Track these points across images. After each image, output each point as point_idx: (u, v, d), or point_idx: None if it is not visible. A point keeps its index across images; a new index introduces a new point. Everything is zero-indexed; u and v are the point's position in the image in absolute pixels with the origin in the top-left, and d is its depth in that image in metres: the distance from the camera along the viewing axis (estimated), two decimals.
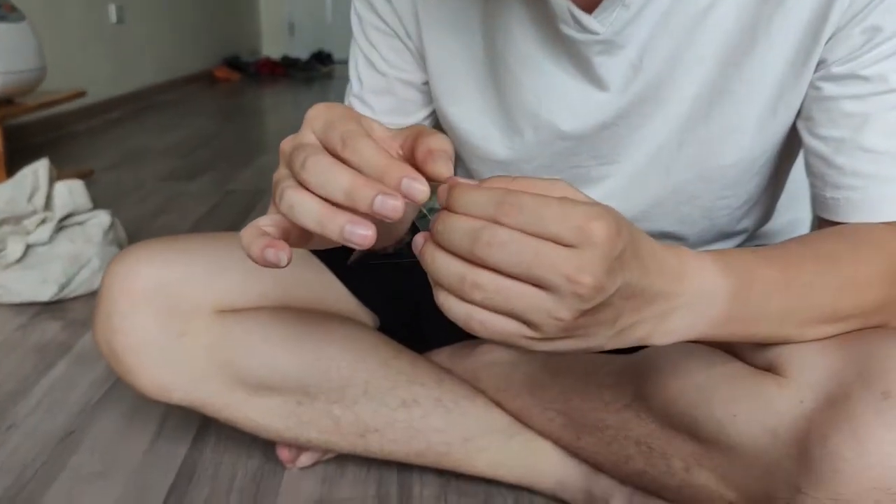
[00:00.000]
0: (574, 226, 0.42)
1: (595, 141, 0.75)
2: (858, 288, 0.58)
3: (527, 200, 0.43)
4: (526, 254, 0.42)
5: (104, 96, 3.70)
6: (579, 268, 0.42)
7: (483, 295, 0.43)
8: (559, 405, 0.79)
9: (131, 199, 2.22)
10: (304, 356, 0.80)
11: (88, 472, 0.93)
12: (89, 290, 1.48)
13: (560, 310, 0.43)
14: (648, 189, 0.76)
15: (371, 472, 0.92)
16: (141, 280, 0.78)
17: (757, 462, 0.60)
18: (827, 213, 0.66)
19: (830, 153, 0.65)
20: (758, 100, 0.69)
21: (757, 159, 0.73)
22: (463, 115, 0.80)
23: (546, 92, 0.74)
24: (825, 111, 0.65)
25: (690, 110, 0.70)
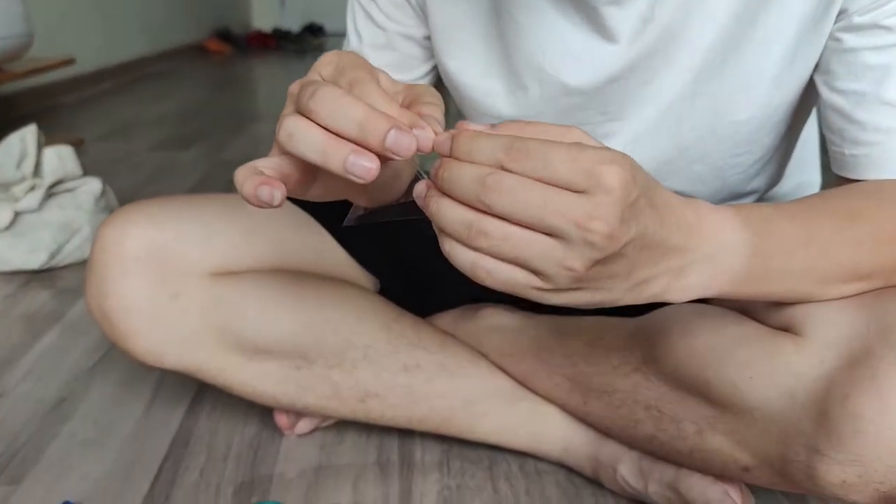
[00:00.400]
0: (585, 170, 0.40)
1: (602, 96, 0.72)
2: (880, 245, 0.56)
3: (534, 145, 0.41)
4: (534, 200, 0.40)
5: (93, 67, 3.64)
6: (590, 214, 0.40)
7: (490, 242, 0.42)
8: (565, 370, 0.77)
9: (123, 168, 2.18)
10: (302, 319, 0.78)
11: (82, 440, 0.91)
12: (80, 259, 1.45)
13: (571, 259, 0.42)
14: (658, 147, 0.73)
15: (371, 439, 0.91)
16: (133, 242, 0.75)
17: (773, 424, 0.58)
18: (846, 170, 0.64)
19: (850, 108, 0.63)
20: (774, 52, 0.66)
21: (771, 115, 0.71)
22: (465, 69, 0.77)
23: (551, 44, 0.71)
24: (845, 64, 0.63)
25: (703, 63, 0.68)
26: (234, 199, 0.83)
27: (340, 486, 0.83)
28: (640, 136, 0.73)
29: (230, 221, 0.79)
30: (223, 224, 0.78)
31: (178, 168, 2.21)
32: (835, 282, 0.56)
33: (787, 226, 0.54)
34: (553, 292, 0.44)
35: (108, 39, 3.92)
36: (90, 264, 0.77)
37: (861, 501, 0.55)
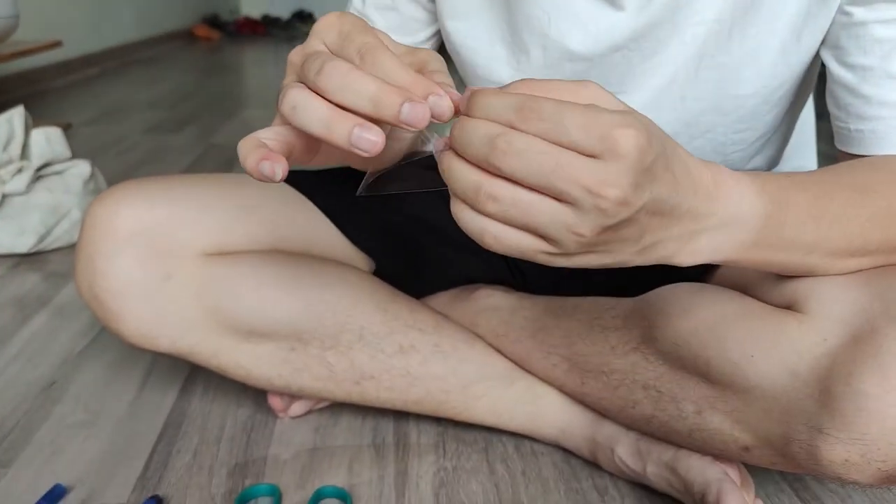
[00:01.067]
0: (599, 135, 0.39)
1: (605, 65, 0.72)
2: (889, 220, 0.56)
3: (548, 106, 0.39)
4: (545, 163, 0.39)
5: (82, 51, 3.61)
6: (603, 181, 0.39)
7: (498, 207, 0.41)
8: (562, 350, 0.77)
9: (112, 151, 2.16)
10: (297, 300, 0.76)
11: (73, 422, 0.89)
12: (69, 243, 1.44)
13: (581, 225, 0.41)
14: (662, 120, 0.72)
15: (367, 421, 0.90)
16: (124, 221, 0.73)
17: (775, 403, 0.58)
18: (851, 146, 0.64)
19: (857, 82, 0.63)
20: (782, 26, 0.66)
21: (775, 90, 0.70)
22: (468, 31, 0.76)
23: (557, 9, 0.70)
24: (854, 38, 0.63)
25: (709, 34, 0.68)
26: (227, 179, 0.81)
27: (335, 468, 0.82)
28: (643, 110, 0.72)
29: (224, 201, 0.77)
30: (216, 204, 0.77)
31: (168, 152, 2.19)
32: (842, 255, 0.56)
33: (801, 197, 0.53)
34: (561, 256, 0.43)
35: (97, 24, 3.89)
36: (80, 244, 0.75)
37: (861, 481, 0.54)
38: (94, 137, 2.33)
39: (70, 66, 3.47)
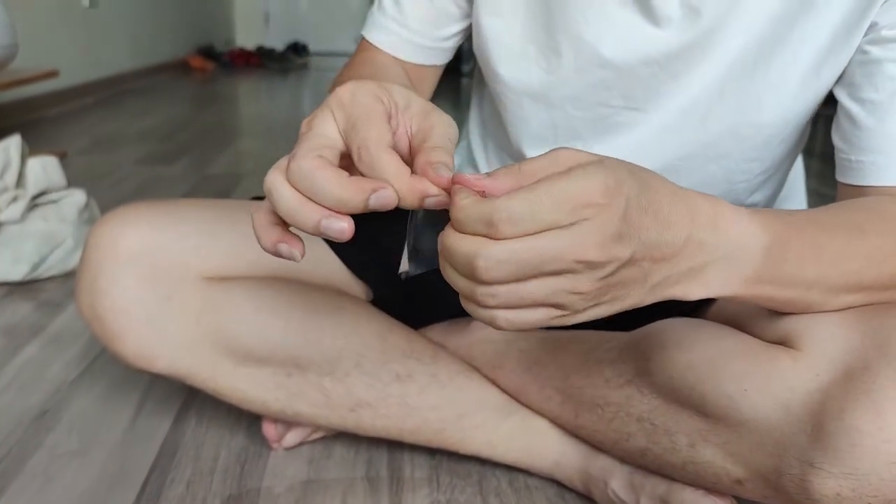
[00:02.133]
0: (569, 209, 0.41)
1: (632, 78, 0.74)
2: (883, 259, 0.57)
3: (516, 206, 0.41)
4: (526, 261, 0.41)
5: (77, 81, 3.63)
6: (582, 245, 0.41)
7: (498, 301, 0.43)
8: (557, 382, 0.77)
9: (106, 181, 2.17)
10: (296, 326, 0.77)
11: (66, 451, 0.89)
12: (63, 271, 1.44)
13: (579, 285, 0.43)
14: (682, 140, 0.75)
15: (360, 454, 0.90)
16: (128, 241, 0.74)
17: (768, 437, 0.58)
18: (852, 177, 0.67)
19: (864, 116, 0.66)
20: (805, 59, 0.69)
21: (790, 121, 0.73)
22: (503, 28, 0.78)
23: (596, 16, 0.73)
24: (868, 75, 0.66)
25: (735, 61, 0.71)
26: (231, 205, 0.82)
27: (329, 501, 0.82)
28: (666, 128, 0.75)
29: (227, 226, 0.78)
30: (220, 229, 0.78)
31: (162, 182, 2.20)
32: (839, 292, 0.57)
33: (802, 234, 0.54)
34: (574, 315, 0.45)
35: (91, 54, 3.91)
36: (82, 263, 0.76)
37: None
38: (89, 167, 2.34)
39: (65, 96, 3.49)
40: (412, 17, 0.81)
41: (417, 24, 0.82)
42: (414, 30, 0.82)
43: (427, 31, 0.82)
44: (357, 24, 7.08)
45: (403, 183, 0.44)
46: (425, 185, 0.44)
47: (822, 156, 2.16)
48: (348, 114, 0.46)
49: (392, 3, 0.82)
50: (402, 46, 0.82)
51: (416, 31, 0.82)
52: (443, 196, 0.44)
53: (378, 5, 0.84)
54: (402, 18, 0.81)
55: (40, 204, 1.46)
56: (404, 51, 0.83)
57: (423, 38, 0.83)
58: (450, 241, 0.43)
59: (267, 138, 2.98)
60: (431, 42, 0.83)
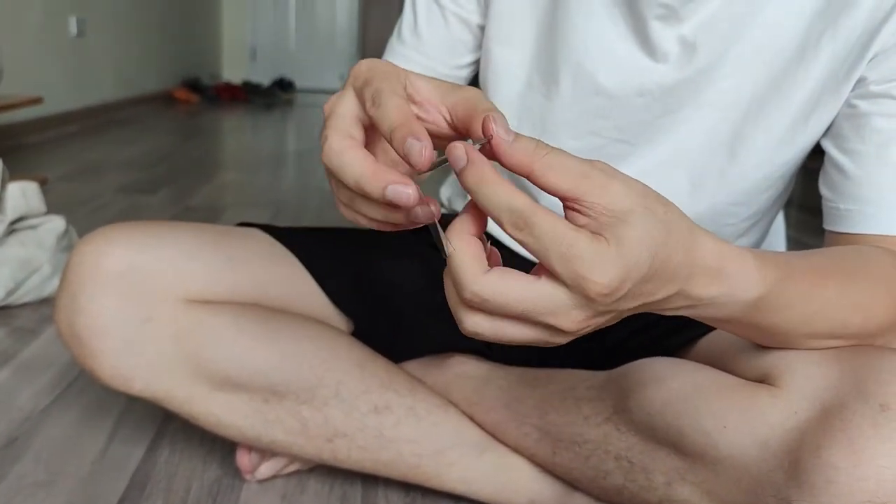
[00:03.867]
0: (572, 275, 0.41)
1: (626, 108, 0.76)
2: (869, 308, 0.58)
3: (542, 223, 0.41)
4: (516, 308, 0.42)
5: (61, 109, 3.62)
6: (559, 315, 0.42)
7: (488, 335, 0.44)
8: (535, 419, 0.77)
9: (87, 209, 2.16)
10: (274, 352, 0.77)
11: (32, 482, 0.87)
12: (39, 298, 1.42)
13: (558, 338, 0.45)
14: (672, 179, 0.77)
15: (334, 489, 0.89)
16: (110, 261, 0.74)
17: (745, 475, 0.58)
18: (840, 225, 0.68)
19: (852, 167, 0.68)
20: (795, 108, 0.72)
21: (779, 167, 0.75)
22: (513, 58, 0.81)
23: (597, 46, 0.75)
24: (856, 127, 0.68)
25: (729, 104, 0.73)
26: (215, 230, 0.83)
27: None
28: (657, 165, 0.77)
29: (210, 250, 0.78)
30: (203, 253, 0.78)
31: (143, 212, 2.19)
32: (821, 337, 0.57)
33: (797, 284, 0.53)
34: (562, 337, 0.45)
35: (77, 82, 3.91)
36: (63, 280, 0.75)
37: None
38: (70, 194, 2.32)
39: (49, 123, 3.48)
40: (430, 45, 0.85)
41: (435, 52, 0.85)
42: (432, 56, 0.85)
43: (444, 59, 0.85)
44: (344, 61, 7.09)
45: (404, 119, 0.43)
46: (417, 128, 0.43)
47: (801, 206, 2.19)
48: (365, 77, 0.47)
49: (410, 31, 0.85)
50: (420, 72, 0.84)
51: (433, 59, 0.85)
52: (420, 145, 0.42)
53: (397, 35, 0.87)
54: (420, 46, 0.85)
55: (18, 229, 1.45)
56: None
57: (440, 65, 0.86)
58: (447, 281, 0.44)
59: (249, 172, 2.98)
60: (448, 70, 0.86)
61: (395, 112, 0.44)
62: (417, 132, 0.42)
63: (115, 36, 4.45)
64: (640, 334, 0.81)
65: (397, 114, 0.43)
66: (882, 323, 0.59)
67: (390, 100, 0.44)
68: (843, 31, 0.68)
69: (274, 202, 2.40)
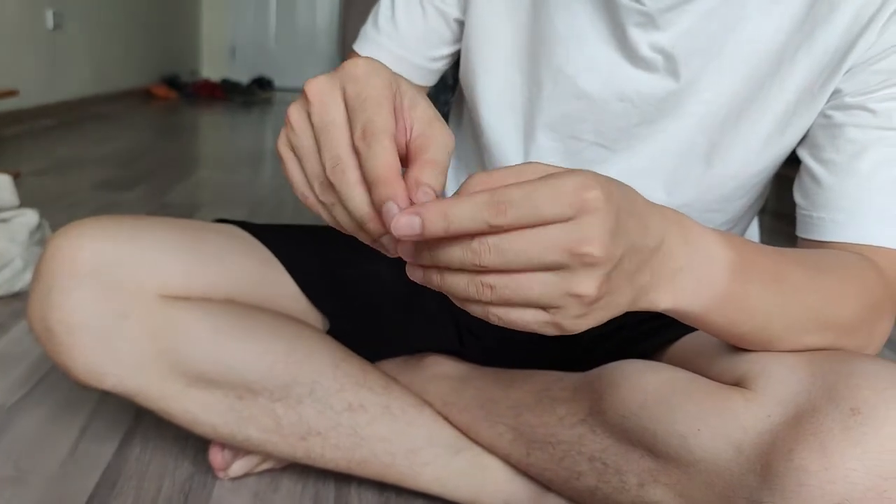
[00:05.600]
0: (568, 201, 0.41)
1: (605, 112, 0.76)
2: (842, 299, 0.59)
3: (515, 193, 0.41)
4: (523, 247, 0.41)
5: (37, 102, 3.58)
6: (581, 238, 0.42)
7: (495, 294, 0.43)
8: (509, 420, 0.77)
9: (61, 204, 2.13)
10: (250, 349, 0.76)
11: (1, 478, 0.86)
12: (9, 292, 1.40)
13: (577, 286, 0.43)
14: (647, 186, 0.77)
15: (307, 488, 0.88)
16: (85, 255, 0.73)
17: (718, 477, 0.58)
18: (812, 233, 0.69)
19: (825, 175, 0.69)
20: (771, 118, 0.73)
21: (753, 176, 0.76)
22: (492, 57, 0.81)
23: (578, 51, 0.76)
24: (830, 137, 0.70)
25: (706, 114, 0.74)
26: (192, 225, 0.82)
27: None
28: (634, 172, 0.77)
29: (187, 246, 0.78)
30: (179, 248, 0.77)
31: (119, 208, 2.17)
32: (799, 329, 0.58)
33: (764, 259, 0.56)
34: (564, 321, 0.45)
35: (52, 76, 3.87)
36: (37, 273, 0.74)
37: None
38: (43, 188, 2.30)
39: (24, 116, 3.44)
40: (406, 35, 0.84)
41: (410, 42, 0.85)
42: (406, 47, 0.85)
43: (419, 50, 0.85)
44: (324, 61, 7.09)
45: (390, 176, 0.43)
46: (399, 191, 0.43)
47: (774, 213, 2.22)
48: (359, 91, 0.46)
49: (387, 20, 0.85)
50: (393, 62, 0.84)
51: (408, 48, 0.85)
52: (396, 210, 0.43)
53: (372, 22, 0.86)
54: (395, 34, 0.84)
55: None
56: (393, 66, 0.84)
57: (414, 55, 0.85)
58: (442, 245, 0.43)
59: (227, 170, 2.96)
60: (422, 61, 0.86)
61: (383, 165, 0.44)
62: (399, 197, 0.43)
63: (93, 30, 4.41)
64: (615, 336, 0.81)
65: (384, 167, 0.44)
66: (854, 317, 0.60)
67: (380, 144, 0.44)
68: (819, 45, 0.69)
69: (251, 200, 2.39)
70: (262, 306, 0.81)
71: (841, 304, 0.59)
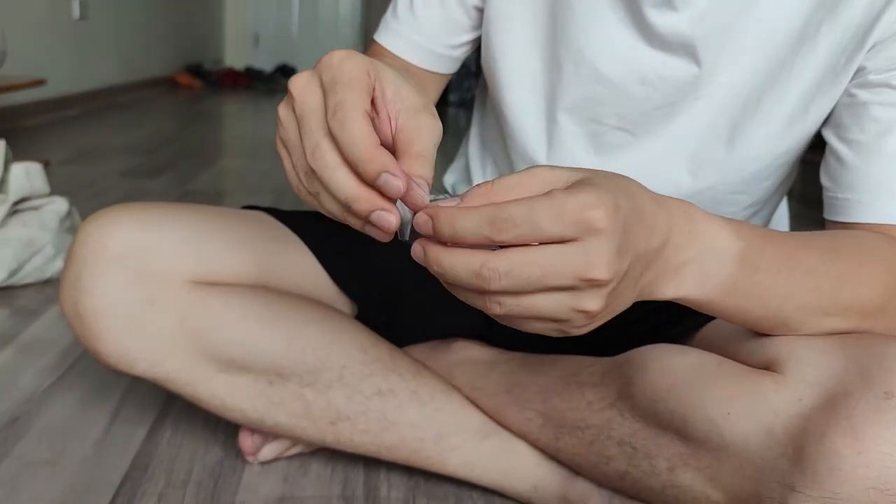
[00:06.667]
0: (572, 221, 0.42)
1: (626, 96, 0.76)
2: (859, 282, 0.59)
3: (517, 211, 0.42)
4: (532, 273, 0.42)
5: (63, 91, 3.62)
6: (588, 263, 0.42)
7: (503, 310, 0.44)
8: (538, 405, 0.77)
9: (88, 192, 2.15)
10: (279, 334, 0.77)
11: (35, 460, 0.87)
12: (41, 279, 1.42)
13: (583, 304, 0.44)
14: (671, 169, 0.77)
15: (336, 472, 0.89)
16: (115, 241, 0.74)
17: (749, 461, 0.58)
18: (838, 214, 0.68)
19: (850, 156, 0.68)
20: (792, 99, 0.72)
21: (778, 157, 0.75)
22: (511, 43, 0.81)
23: (596, 33, 0.75)
24: (855, 116, 0.68)
25: (727, 95, 0.73)
26: (219, 211, 0.82)
27: None
28: (655, 155, 0.77)
29: (216, 232, 0.78)
30: (208, 234, 0.78)
31: (144, 195, 2.19)
32: (815, 312, 0.58)
33: (776, 247, 0.56)
34: (574, 329, 0.46)
35: (79, 65, 3.90)
36: (68, 260, 0.75)
37: None
38: (71, 177, 2.32)
39: (51, 105, 3.47)
40: (425, 23, 0.84)
41: (429, 30, 0.84)
42: (426, 35, 0.85)
43: (438, 38, 0.85)
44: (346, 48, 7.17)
45: (367, 150, 0.43)
46: (386, 160, 0.43)
47: (802, 199, 2.19)
48: (332, 76, 0.46)
49: (406, 9, 0.84)
50: (414, 51, 0.85)
51: (427, 37, 0.85)
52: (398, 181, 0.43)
53: (392, 12, 0.87)
54: (415, 24, 0.84)
55: (21, 210, 1.45)
56: (415, 55, 0.85)
57: (433, 43, 0.85)
58: (450, 260, 0.44)
59: (251, 158, 2.97)
60: (441, 49, 0.86)
61: (361, 143, 0.43)
62: (390, 167, 0.43)
63: (118, 19, 4.43)
64: (642, 322, 0.80)
65: (361, 143, 0.43)
66: (878, 298, 0.59)
67: (353, 121, 0.44)
68: (841, 21, 0.68)
69: (275, 188, 2.40)
70: (291, 292, 0.82)
71: (859, 287, 0.59)
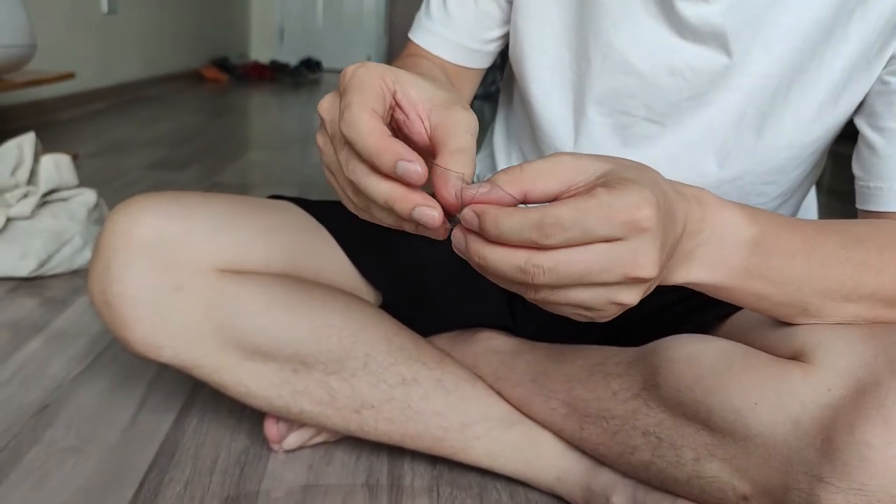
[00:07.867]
0: (620, 221, 0.42)
1: (655, 87, 0.75)
2: (881, 269, 0.58)
3: (565, 215, 0.42)
4: (576, 271, 0.43)
5: (91, 85, 3.65)
6: (636, 263, 0.43)
7: (540, 297, 0.45)
8: (562, 395, 0.77)
9: (116, 184, 2.17)
10: (304, 322, 0.77)
11: (63, 447, 0.88)
12: (70, 269, 1.44)
13: (622, 297, 0.45)
14: (700, 160, 0.77)
15: (360, 461, 0.89)
16: (143, 229, 0.75)
17: (776, 451, 0.58)
18: (869, 203, 0.68)
19: (883, 144, 0.67)
20: (824, 87, 0.71)
21: (808, 146, 0.74)
22: (540, 35, 0.81)
23: (626, 25, 0.75)
24: (888, 104, 0.68)
25: (757, 85, 0.72)
26: (248, 201, 0.83)
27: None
28: (685, 146, 0.77)
29: (242, 221, 0.79)
30: (235, 223, 0.78)
31: (171, 188, 2.20)
32: (835, 298, 0.57)
33: (792, 233, 0.56)
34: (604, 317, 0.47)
35: (106, 59, 3.94)
36: (97, 248, 0.76)
37: None
38: (99, 170, 2.34)
39: (79, 99, 3.50)
40: (458, 20, 0.85)
41: (462, 26, 0.85)
42: (459, 31, 0.85)
43: (472, 33, 0.85)
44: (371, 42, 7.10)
45: (375, 143, 0.44)
46: (398, 148, 0.44)
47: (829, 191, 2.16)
48: (344, 87, 0.47)
49: (438, 7, 0.85)
50: (448, 48, 0.85)
51: (461, 33, 0.85)
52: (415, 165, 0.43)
53: (425, 11, 0.87)
54: (448, 21, 0.85)
55: (51, 201, 1.47)
56: (449, 52, 0.86)
57: (467, 39, 0.86)
58: (493, 256, 0.44)
59: (276, 150, 2.98)
60: (475, 44, 0.86)
61: (369, 137, 0.44)
62: (403, 154, 0.43)
63: (145, 14, 4.47)
64: (667, 310, 0.80)
65: (372, 140, 0.44)
66: None
67: (357, 118, 0.44)
68: (874, 10, 0.67)
69: (301, 180, 2.40)
70: (317, 281, 0.82)
71: (880, 273, 0.58)
